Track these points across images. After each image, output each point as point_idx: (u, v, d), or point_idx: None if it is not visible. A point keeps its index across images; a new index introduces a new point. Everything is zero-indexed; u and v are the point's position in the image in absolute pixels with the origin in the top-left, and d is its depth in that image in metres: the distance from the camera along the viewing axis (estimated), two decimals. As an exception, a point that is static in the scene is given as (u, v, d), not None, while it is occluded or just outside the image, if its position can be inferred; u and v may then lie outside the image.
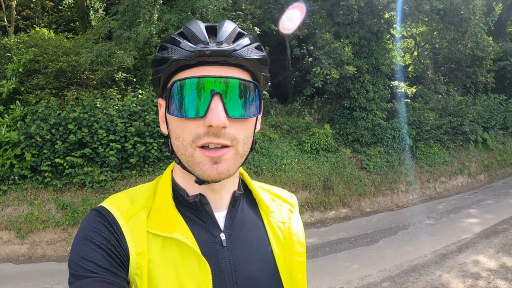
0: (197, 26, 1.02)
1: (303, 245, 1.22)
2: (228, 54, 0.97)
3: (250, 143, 1.08)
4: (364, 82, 13.60)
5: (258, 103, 1.06)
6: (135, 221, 1.03)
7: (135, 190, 1.14)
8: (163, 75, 1.04)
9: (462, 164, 15.15)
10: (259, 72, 1.07)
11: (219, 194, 1.12)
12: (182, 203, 1.10)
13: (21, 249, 8.69)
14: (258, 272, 1.10)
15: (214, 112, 0.95)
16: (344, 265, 7.43)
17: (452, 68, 18.56)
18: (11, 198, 9.18)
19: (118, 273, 0.96)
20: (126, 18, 10.38)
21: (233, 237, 1.10)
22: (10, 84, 10.19)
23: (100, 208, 1.06)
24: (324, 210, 11.18)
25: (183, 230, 1.03)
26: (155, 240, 1.02)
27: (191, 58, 0.97)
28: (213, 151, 0.98)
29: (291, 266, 1.15)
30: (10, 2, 14.57)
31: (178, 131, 1.02)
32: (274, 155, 11.55)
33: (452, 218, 10.42)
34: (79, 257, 0.96)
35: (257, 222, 1.19)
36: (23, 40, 11.76)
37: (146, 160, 9.76)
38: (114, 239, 0.99)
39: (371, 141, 13.73)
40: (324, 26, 13.50)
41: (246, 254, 1.10)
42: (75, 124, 9.32)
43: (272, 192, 1.31)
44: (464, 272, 6.82)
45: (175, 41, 1.01)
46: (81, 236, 1.00)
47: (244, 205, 1.19)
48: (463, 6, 12.81)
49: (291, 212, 1.27)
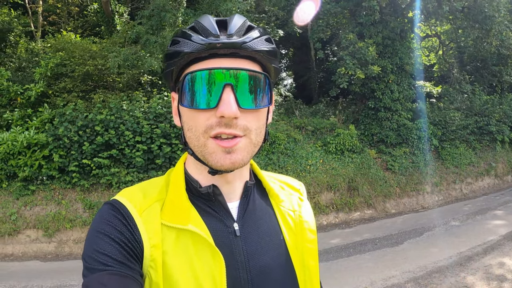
0: (208, 20, 1.03)
1: (314, 232, 1.22)
2: (239, 46, 0.99)
3: (263, 134, 1.09)
4: (388, 82, 13.46)
5: (269, 94, 1.07)
6: (149, 213, 1.04)
7: (148, 184, 1.15)
8: (175, 68, 1.06)
9: (489, 164, 14.89)
10: (269, 64, 1.07)
11: (232, 184, 1.13)
12: (195, 194, 1.11)
13: (49, 247, 8.84)
14: (271, 260, 1.10)
15: (226, 102, 0.96)
16: (368, 266, 7.34)
17: (477, 66, 18.25)
18: (39, 197, 9.35)
19: (132, 266, 0.96)
20: (153, 23, 10.48)
21: (246, 227, 1.11)
22: (38, 87, 10.39)
23: (113, 201, 1.06)
24: (349, 211, 11.10)
25: (196, 222, 1.04)
26: (169, 232, 1.03)
27: (202, 51, 0.99)
28: (226, 141, 0.99)
29: (303, 254, 1.16)
30: (36, 8, 14.86)
31: (191, 123, 1.03)
32: (299, 156, 11.51)
33: (478, 220, 10.25)
34: (93, 250, 0.97)
35: (268, 211, 1.19)
36: (50, 43, 11.97)
37: (172, 161, 9.80)
38: (128, 232, 1.00)
39: (396, 142, 13.58)
40: (348, 27, 13.42)
41: (259, 243, 1.11)
42: (102, 126, 9.44)
43: (281, 181, 1.32)
44: (489, 274, 6.67)
45: (186, 35, 1.02)
46: (94, 229, 1.01)
47: (255, 195, 1.20)
48: (487, 3, 12.62)
49: (300, 200, 1.28)
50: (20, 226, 8.92)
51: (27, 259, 8.44)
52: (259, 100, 1.03)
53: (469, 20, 13.39)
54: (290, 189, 1.30)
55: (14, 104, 10.61)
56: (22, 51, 12.97)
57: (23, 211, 9.14)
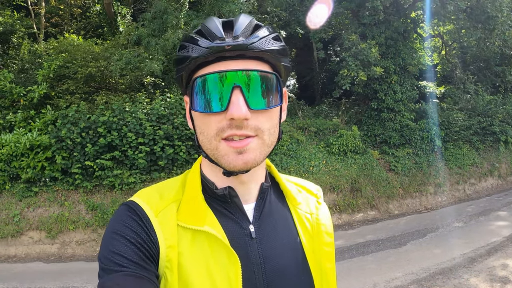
0: (213, 22, 1.03)
1: (331, 235, 1.22)
2: (245, 48, 0.98)
3: (277, 134, 1.09)
4: (391, 83, 13.42)
5: (280, 93, 1.06)
6: (165, 214, 1.05)
7: (164, 185, 1.16)
8: (185, 73, 1.06)
9: (492, 165, 14.83)
10: (279, 63, 1.07)
11: (247, 186, 1.13)
12: (211, 196, 1.12)
13: (52, 249, 8.86)
14: (287, 263, 1.10)
15: (235, 104, 0.96)
16: (371, 268, 7.33)
17: (480, 67, 18.17)
18: (42, 199, 9.38)
19: (147, 267, 0.97)
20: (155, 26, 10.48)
21: (262, 229, 1.11)
22: (41, 89, 10.40)
23: (130, 202, 1.07)
24: (352, 212, 11.07)
25: (212, 223, 1.04)
26: (185, 233, 1.03)
27: (208, 55, 0.99)
28: (237, 142, 0.99)
29: (320, 257, 1.16)
30: (39, 10, 14.88)
31: (202, 126, 1.04)
32: (301, 157, 11.49)
33: (482, 221, 10.22)
34: (109, 251, 0.97)
35: (285, 214, 1.19)
36: (53, 45, 11.98)
37: (175, 163, 9.81)
38: (144, 233, 1.00)
39: (399, 143, 13.54)
40: (350, 27, 13.39)
41: (275, 245, 1.11)
42: (104, 127, 9.44)
43: (298, 184, 1.31)
44: (492, 276, 6.64)
45: (193, 39, 1.02)
46: (111, 230, 1.02)
47: (271, 197, 1.19)
48: (489, 3, 12.58)
49: (318, 203, 1.27)
50: (23, 227, 8.94)
51: (30, 261, 8.46)
52: (269, 100, 1.03)
53: (472, 20, 13.34)
54: (307, 192, 1.30)
55: (17, 105, 10.65)
56: (25, 52, 12.98)
57: (26, 212, 9.16)
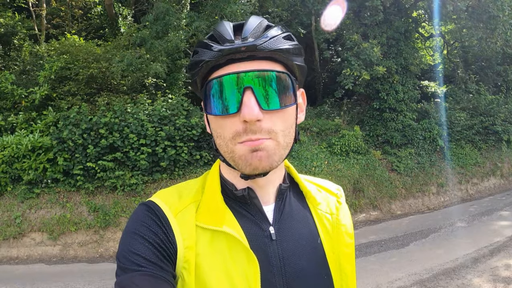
0: (224, 26, 1.03)
1: (351, 236, 1.21)
2: (254, 48, 0.98)
3: (292, 134, 1.07)
4: (393, 82, 13.41)
5: (294, 93, 1.05)
6: (184, 215, 1.05)
7: (183, 185, 1.16)
8: (198, 78, 1.07)
9: (495, 165, 14.83)
10: (291, 62, 1.06)
11: (265, 188, 1.13)
12: (230, 197, 1.11)
13: (53, 250, 8.85)
14: (307, 264, 1.09)
15: (247, 106, 0.96)
16: (374, 269, 7.30)
17: (482, 66, 18.14)
18: (44, 200, 9.36)
19: (165, 268, 0.97)
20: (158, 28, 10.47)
21: (282, 230, 1.11)
22: (43, 90, 10.39)
23: (149, 202, 1.08)
24: (354, 212, 11.04)
25: (232, 224, 1.04)
26: (203, 233, 1.03)
27: (219, 58, 0.99)
28: (252, 142, 0.99)
29: (339, 258, 1.15)
30: (40, 12, 14.89)
31: (219, 130, 1.04)
32: (303, 157, 11.47)
33: (484, 221, 10.21)
34: (127, 250, 0.98)
35: (305, 215, 1.18)
36: (54, 47, 11.99)
37: (177, 164, 9.80)
38: (162, 233, 1.01)
39: (401, 143, 13.51)
40: (352, 27, 13.37)
41: (295, 247, 1.10)
42: (106, 129, 9.44)
43: (318, 184, 1.31)
44: (495, 276, 6.63)
45: (205, 44, 1.03)
46: (129, 230, 1.02)
47: (291, 198, 1.19)
48: (491, 3, 12.57)
49: (339, 203, 1.26)
50: (25, 229, 8.93)
51: (32, 262, 8.45)
52: (282, 100, 1.01)
53: (474, 20, 13.32)
54: (327, 192, 1.29)
55: (18, 107, 10.64)
56: (26, 54, 12.98)
57: (27, 214, 9.15)
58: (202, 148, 10.22)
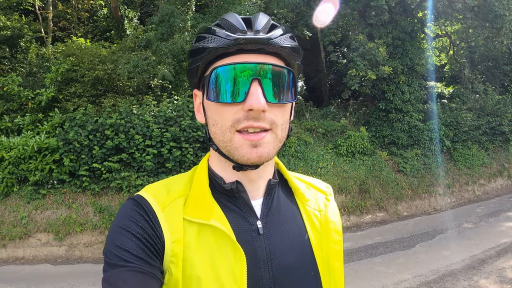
0: (234, 17, 1.04)
1: (339, 233, 1.21)
2: (266, 42, 1.00)
3: (287, 130, 1.10)
4: (399, 83, 13.36)
5: (293, 90, 1.08)
6: (172, 209, 1.05)
7: (172, 179, 1.17)
8: (202, 64, 1.07)
9: (502, 165, 14.73)
10: (293, 61, 1.09)
11: (255, 182, 1.13)
12: (218, 190, 1.12)
13: (59, 251, 8.88)
14: (294, 260, 1.09)
15: (254, 96, 0.97)
16: (380, 270, 7.27)
17: (489, 66, 18.04)
18: (50, 201, 9.40)
19: (152, 263, 0.97)
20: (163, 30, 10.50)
21: (269, 225, 1.11)
22: (49, 92, 10.45)
23: (137, 197, 1.08)
24: (360, 214, 11.01)
25: (219, 217, 1.04)
26: (191, 227, 1.03)
27: (229, 46, 1.00)
28: (252, 135, 1.00)
29: (328, 255, 1.15)
30: (46, 14, 14.99)
31: (216, 117, 1.04)
32: (309, 158, 11.45)
33: (491, 222, 10.14)
34: (114, 246, 0.98)
35: (294, 211, 1.19)
36: (60, 49, 12.04)
37: (182, 165, 9.80)
38: (150, 228, 1.01)
39: (407, 143, 13.46)
40: (357, 28, 13.34)
41: (283, 242, 1.10)
42: (112, 130, 9.46)
43: (307, 182, 1.31)
44: (502, 277, 6.57)
45: (212, 30, 1.04)
46: (117, 225, 1.02)
47: (280, 194, 1.19)
48: (497, 2, 12.53)
49: (327, 200, 1.26)
50: (31, 229, 8.97)
51: (37, 263, 8.48)
52: (284, 95, 1.04)
53: (480, 19, 13.29)
54: (316, 190, 1.29)
55: (25, 109, 10.71)
56: (32, 56, 13.08)
57: (34, 215, 9.18)
58: (208, 149, 10.20)
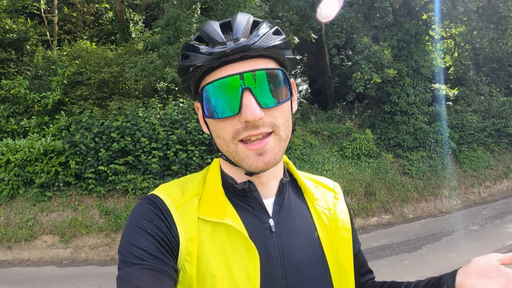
0: (211, 27, 1.03)
1: (348, 231, 1.22)
2: (247, 49, 0.98)
3: (291, 126, 1.09)
4: (404, 85, 13.34)
5: (289, 86, 1.07)
6: (186, 208, 1.06)
7: (185, 179, 1.18)
8: (191, 82, 1.07)
9: (507, 167, 14.66)
10: (283, 56, 1.07)
11: (267, 183, 1.14)
12: (231, 191, 1.13)
13: (65, 253, 8.91)
14: (305, 257, 1.11)
15: (248, 107, 0.96)
16: (385, 272, 7.25)
17: (494, 68, 18.00)
18: (56, 204, 9.43)
19: (166, 261, 0.98)
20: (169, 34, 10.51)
21: (281, 223, 1.12)
22: (55, 95, 10.51)
23: (151, 196, 1.09)
24: (366, 216, 10.98)
25: (232, 216, 1.05)
26: (205, 226, 1.04)
27: (212, 61, 0.98)
28: (256, 143, 1.00)
29: (337, 252, 1.17)
30: (52, 18, 15.06)
31: (218, 131, 1.05)
32: (315, 161, 11.45)
33: (497, 224, 10.12)
34: (129, 244, 0.99)
35: (303, 209, 1.20)
36: (66, 52, 12.09)
37: (188, 167, 9.81)
38: (165, 227, 1.01)
39: (413, 146, 13.43)
40: (362, 30, 13.34)
41: (294, 240, 1.11)
42: (118, 132, 9.49)
43: (315, 180, 1.32)
44: (508, 280, 6.53)
45: (194, 48, 1.02)
46: (132, 223, 1.03)
47: (290, 193, 1.20)
48: (501, 3, 12.52)
49: (336, 199, 1.27)
50: (37, 232, 9.00)
51: (43, 265, 8.52)
52: (279, 96, 1.02)
53: (484, 21, 13.27)
54: (325, 188, 1.29)
55: (31, 111, 10.76)
56: (39, 59, 13.13)
57: (39, 217, 9.22)
58: (214, 151, 10.22)
